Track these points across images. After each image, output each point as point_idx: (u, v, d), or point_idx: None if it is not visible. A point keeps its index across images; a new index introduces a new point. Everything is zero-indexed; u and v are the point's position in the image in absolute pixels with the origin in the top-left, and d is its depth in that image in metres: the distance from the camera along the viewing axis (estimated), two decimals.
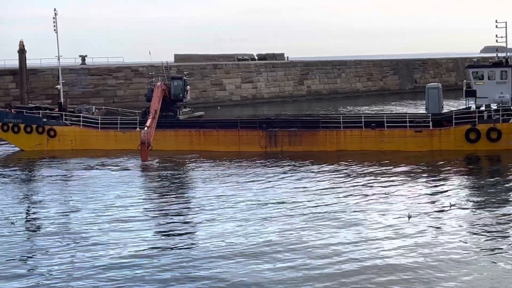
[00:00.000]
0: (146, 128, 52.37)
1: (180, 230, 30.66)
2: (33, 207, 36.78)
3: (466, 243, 27.12)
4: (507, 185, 39.41)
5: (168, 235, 29.86)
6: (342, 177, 42.15)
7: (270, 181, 41.42)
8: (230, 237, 28.66)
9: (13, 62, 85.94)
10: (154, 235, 29.90)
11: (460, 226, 29.71)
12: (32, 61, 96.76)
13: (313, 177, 42.33)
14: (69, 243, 28.67)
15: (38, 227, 31.98)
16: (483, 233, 28.56)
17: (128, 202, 36.46)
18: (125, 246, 27.77)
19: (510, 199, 35.44)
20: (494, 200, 34.82)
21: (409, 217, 30.76)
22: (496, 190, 37.54)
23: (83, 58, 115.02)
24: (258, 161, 49.31)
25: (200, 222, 31.71)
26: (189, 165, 49.75)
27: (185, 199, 37.63)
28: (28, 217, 34.57)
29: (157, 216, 33.50)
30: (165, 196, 38.24)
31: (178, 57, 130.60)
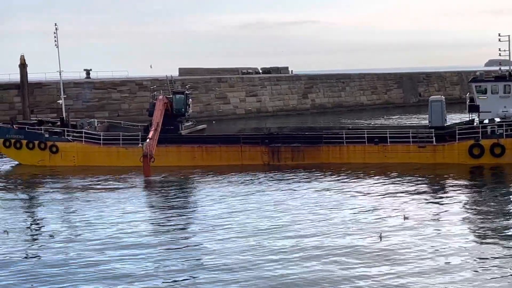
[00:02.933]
0: (148, 140, 51.85)
1: (184, 247, 30.43)
2: (34, 224, 36.73)
3: (466, 256, 26.98)
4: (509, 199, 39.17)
5: (172, 253, 29.54)
6: (347, 192, 41.99)
7: (273, 197, 41.24)
8: (234, 255, 28.51)
9: (18, 76, 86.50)
10: (158, 253, 29.59)
11: (460, 241, 29.56)
12: (37, 74, 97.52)
13: (315, 193, 42.16)
14: (71, 257, 28.66)
15: (40, 244, 31.81)
16: (484, 247, 28.43)
17: (130, 218, 36.30)
18: (128, 264, 27.70)
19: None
20: (494, 214, 34.59)
21: (380, 237, 30.25)
22: (499, 205, 37.29)
23: (87, 72, 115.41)
24: (261, 176, 49.02)
25: (204, 240, 31.44)
26: (192, 180, 49.42)
27: (189, 216, 37.26)
28: (28, 233, 34.42)
29: (160, 233, 33.22)
30: (169, 213, 37.94)
31: (182, 71, 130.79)
